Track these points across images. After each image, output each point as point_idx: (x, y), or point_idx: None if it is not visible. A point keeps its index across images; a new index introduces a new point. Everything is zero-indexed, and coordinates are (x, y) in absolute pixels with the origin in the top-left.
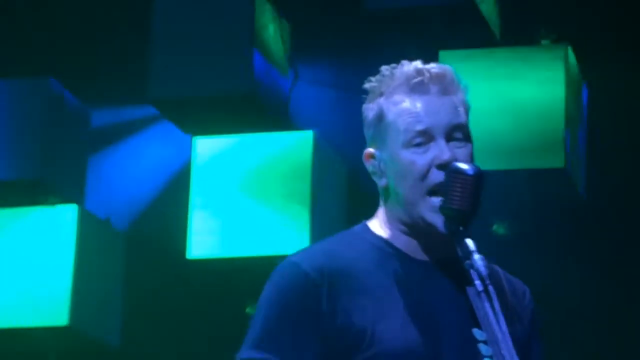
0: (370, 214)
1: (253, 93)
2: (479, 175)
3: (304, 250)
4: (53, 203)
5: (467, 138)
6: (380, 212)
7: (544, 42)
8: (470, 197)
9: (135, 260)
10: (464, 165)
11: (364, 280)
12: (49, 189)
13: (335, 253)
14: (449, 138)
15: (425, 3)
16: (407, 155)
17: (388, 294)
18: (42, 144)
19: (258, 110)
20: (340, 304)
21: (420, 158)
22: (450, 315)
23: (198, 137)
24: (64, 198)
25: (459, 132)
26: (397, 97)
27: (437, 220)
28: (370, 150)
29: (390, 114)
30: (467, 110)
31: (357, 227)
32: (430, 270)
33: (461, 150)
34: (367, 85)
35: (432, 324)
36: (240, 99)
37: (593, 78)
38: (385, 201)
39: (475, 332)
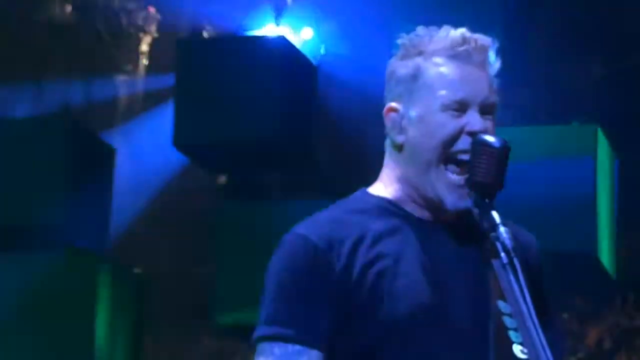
0: None
1: (278, 138)
2: (505, 148)
3: (307, 221)
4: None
5: (494, 114)
6: (386, 174)
7: (574, 123)
8: (496, 170)
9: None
10: (490, 138)
11: (370, 243)
12: (71, 235)
13: (339, 219)
14: (482, 111)
15: None
16: (441, 117)
17: (396, 255)
18: (65, 188)
19: (282, 155)
20: (349, 270)
21: (453, 122)
22: (458, 276)
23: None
24: (87, 244)
25: (491, 108)
26: (438, 60)
27: (448, 197)
28: (394, 104)
29: (429, 76)
30: (497, 87)
31: (356, 193)
32: (436, 231)
33: (491, 124)
34: (402, 41)
35: (442, 286)
36: (265, 143)
37: (624, 157)
38: (396, 160)
39: (499, 304)
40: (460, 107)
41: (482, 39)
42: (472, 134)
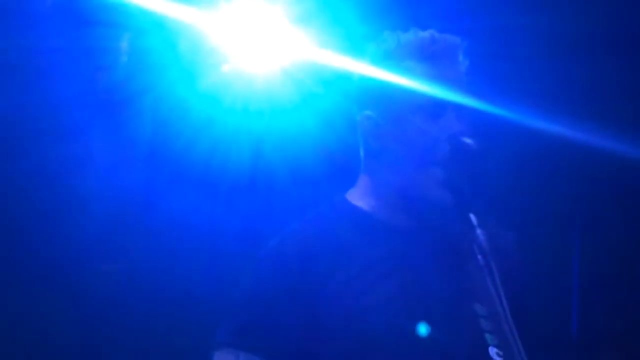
0: None
1: None
2: (484, 151)
3: (285, 236)
4: None
5: (468, 112)
6: (364, 180)
7: None
8: (473, 172)
9: None
10: (466, 141)
11: (347, 258)
12: None
13: (316, 234)
14: (456, 111)
15: None
16: (417, 122)
17: (373, 269)
18: None
19: None
20: (324, 287)
21: (429, 127)
22: (435, 282)
23: None
24: None
25: (464, 106)
26: (410, 63)
27: (438, 196)
28: (367, 111)
29: (401, 79)
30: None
31: (336, 203)
32: (414, 239)
33: (466, 124)
34: (372, 46)
35: (417, 297)
36: None
37: None
38: (372, 167)
39: (476, 306)
40: (435, 109)
41: (451, 37)
42: (450, 138)
